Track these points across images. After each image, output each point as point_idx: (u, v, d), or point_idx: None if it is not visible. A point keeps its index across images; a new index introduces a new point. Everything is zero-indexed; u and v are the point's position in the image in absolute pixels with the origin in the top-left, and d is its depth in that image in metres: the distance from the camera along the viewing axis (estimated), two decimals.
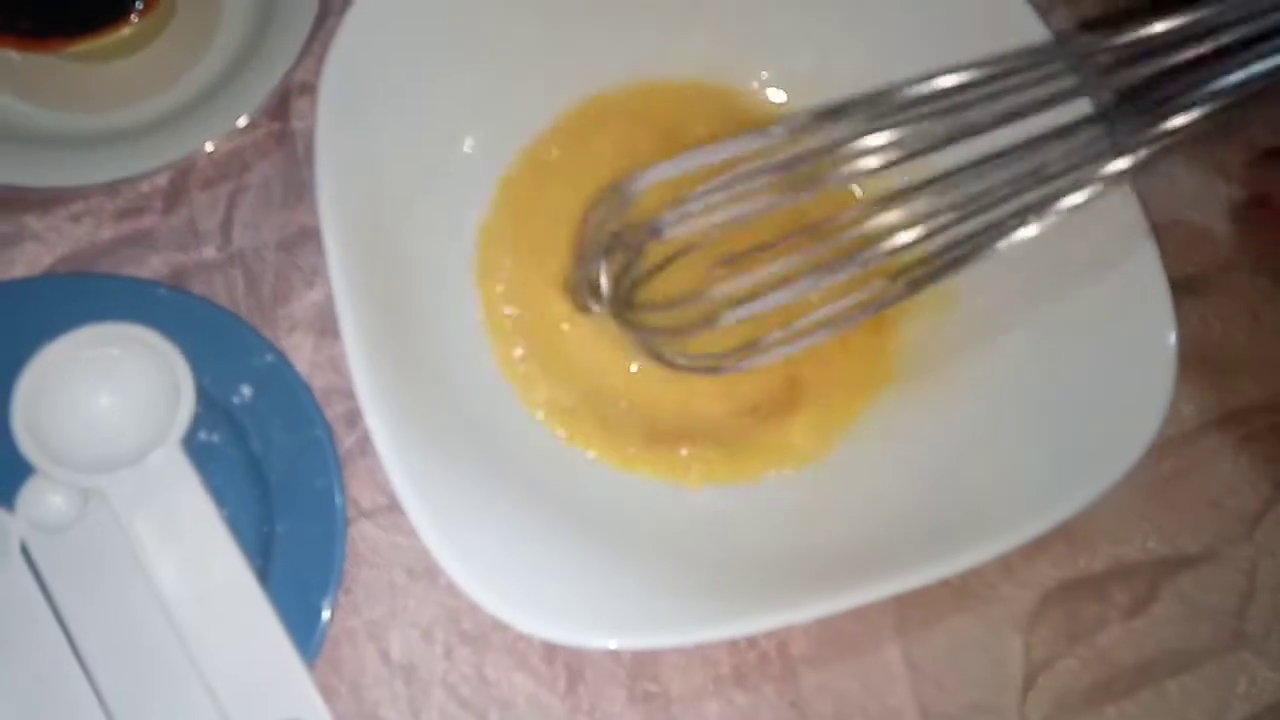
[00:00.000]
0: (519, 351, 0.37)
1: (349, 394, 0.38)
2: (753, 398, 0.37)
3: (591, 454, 0.36)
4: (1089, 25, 0.44)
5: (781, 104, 0.42)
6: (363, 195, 0.34)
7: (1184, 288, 0.34)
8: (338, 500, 0.35)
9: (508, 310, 0.38)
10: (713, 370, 0.35)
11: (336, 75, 0.34)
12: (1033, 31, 0.35)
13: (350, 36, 0.34)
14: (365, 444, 0.38)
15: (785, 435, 0.36)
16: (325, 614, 0.33)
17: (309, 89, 0.42)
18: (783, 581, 0.31)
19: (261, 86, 0.40)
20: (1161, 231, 0.34)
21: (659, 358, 0.35)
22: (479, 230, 0.39)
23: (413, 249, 0.36)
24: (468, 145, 0.39)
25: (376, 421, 0.30)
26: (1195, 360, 0.34)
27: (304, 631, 0.33)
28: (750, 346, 0.33)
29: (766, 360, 0.33)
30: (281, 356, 0.36)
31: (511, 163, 0.40)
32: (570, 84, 0.40)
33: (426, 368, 0.34)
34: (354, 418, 0.38)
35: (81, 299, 0.36)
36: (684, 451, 0.36)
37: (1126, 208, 0.34)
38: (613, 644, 0.30)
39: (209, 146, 0.39)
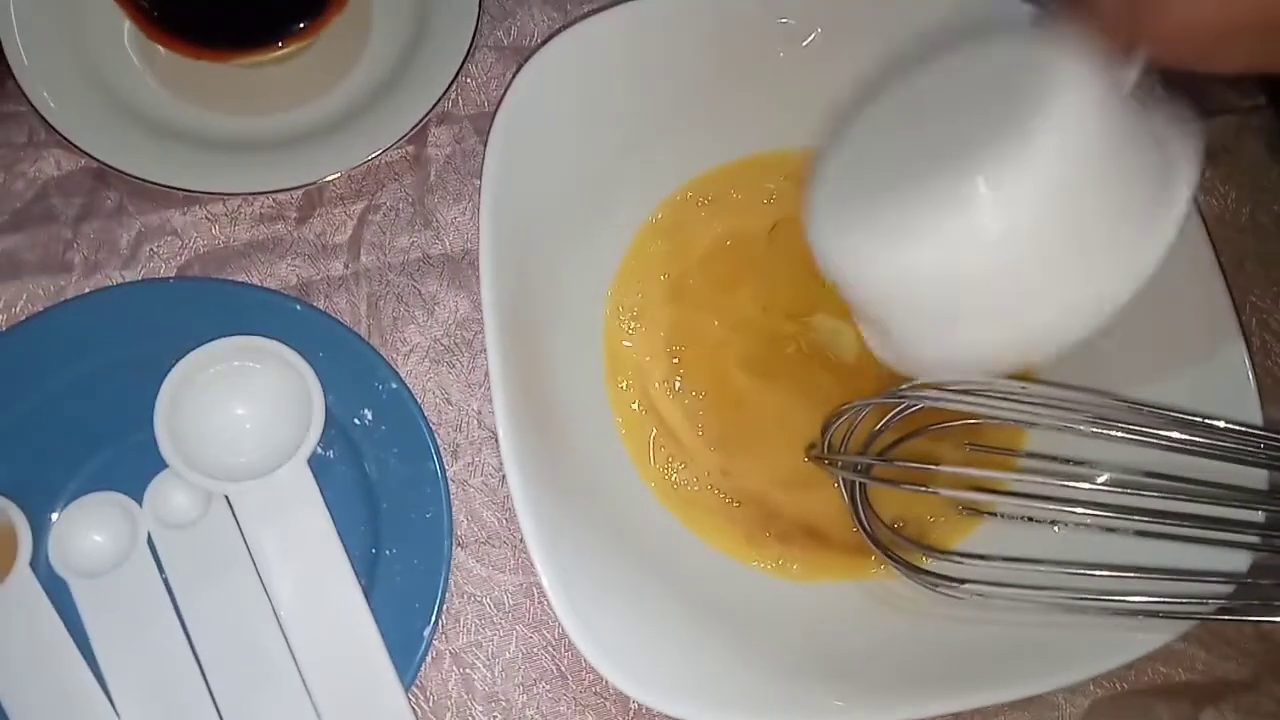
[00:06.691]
0: (652, 432, 0.40)
1: (455, 426, 0.40)
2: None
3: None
4: None
5: None
6: (518, 232, 0.35)
7: None
8: (446, 533, 0.36)
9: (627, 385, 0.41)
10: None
11: (511, 114, 0.36)
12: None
13: (531, 77, 0.36)
14: (467, 476, 0.39)
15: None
16: (425, 642, 0.35)
17: (448, 118, 0.44)
18: (864, 680, 0.33)
19: (407, 115, 0.41)
20: None
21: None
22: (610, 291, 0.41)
23: (559, 296, 0.38)
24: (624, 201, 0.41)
25: (511, 456, 0.32)
26: None
27: (403, 657, 0.35)
28: None
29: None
30: (404, 385, 0.38)
31: (661, 217, 0.42)
32: (729, 143, 0.42)
33: (559, 417, 0.36)
34: (457, 450, 0.39)
35: (221, 303, 0.38)
36: (791, 547, 0.38)
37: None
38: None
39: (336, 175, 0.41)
